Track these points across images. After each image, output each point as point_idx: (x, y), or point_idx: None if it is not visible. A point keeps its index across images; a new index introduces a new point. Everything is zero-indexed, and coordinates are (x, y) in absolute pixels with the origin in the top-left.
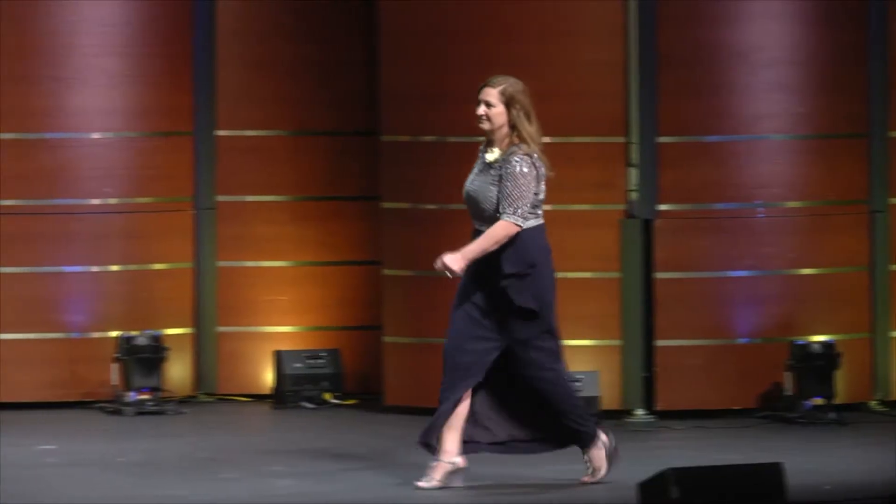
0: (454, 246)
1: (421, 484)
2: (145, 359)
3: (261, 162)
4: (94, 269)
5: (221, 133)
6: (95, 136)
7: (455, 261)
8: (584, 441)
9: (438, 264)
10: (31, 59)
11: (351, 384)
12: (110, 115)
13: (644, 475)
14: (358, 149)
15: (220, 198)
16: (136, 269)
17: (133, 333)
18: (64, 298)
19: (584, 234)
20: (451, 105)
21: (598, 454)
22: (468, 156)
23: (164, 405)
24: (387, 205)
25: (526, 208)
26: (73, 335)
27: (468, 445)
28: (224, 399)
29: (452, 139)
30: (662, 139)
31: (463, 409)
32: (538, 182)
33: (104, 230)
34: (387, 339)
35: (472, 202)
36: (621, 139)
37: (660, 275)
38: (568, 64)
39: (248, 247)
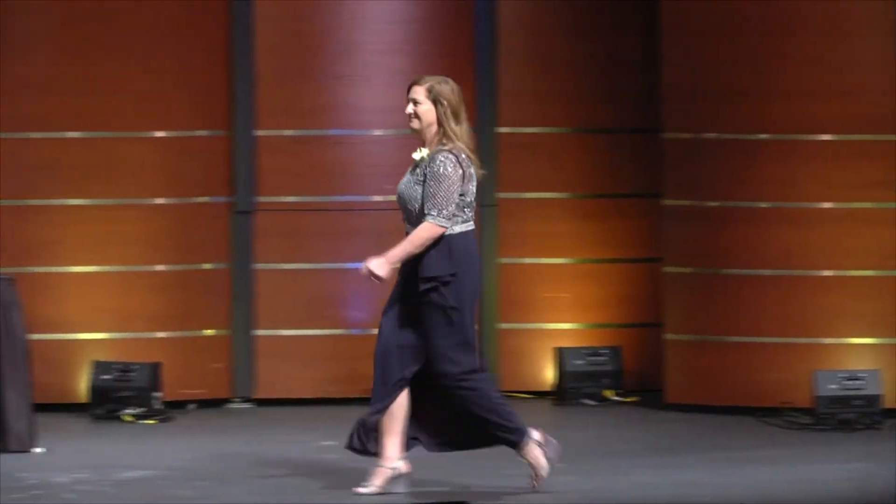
0: (736, 245)
1: (360, 490)
2: None
3: (541, 159)
4: None
5: (502, 130)
6: (377, 132)
7: (379, 266)
8: (513, 444)
9: (363, 270)
10: (312, 57)
11: (631, 381)
12: (391, 112)
13: None
14: (636, 146)
15: (501, 195)
16: None
17: None
18: (345, 295)
19: (863, 232)
20: (733, 102)
21: (534, 453)
22: (750, 153)
23: None
24: (668, 202)
25: (450, 209)
26: (354, 332)
27: (411, 443)
28: (505, 395)
29: (734, 136)
30: None
31: (399, 412)
32: (465, 182)
33: (385, 227)
34: (668, 336)
35: (401, 202)
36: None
37: None
38: (845, 62)
39: (528, 244)
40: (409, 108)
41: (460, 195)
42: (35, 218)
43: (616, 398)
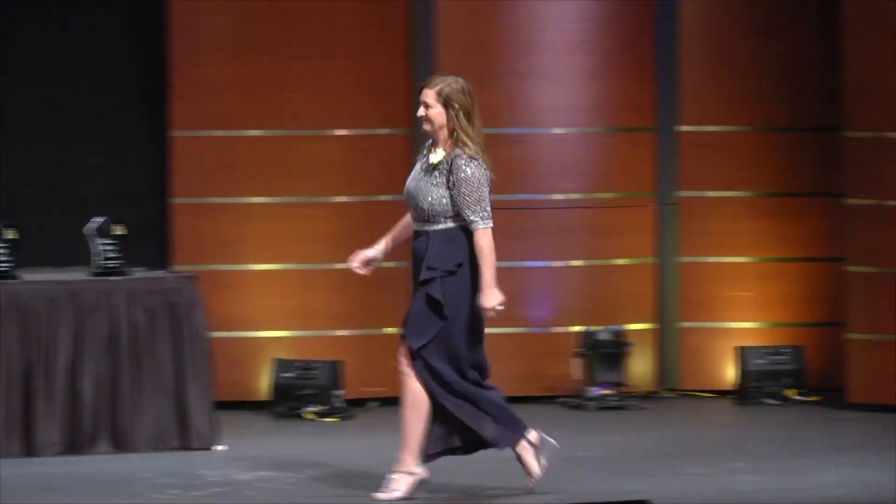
0: None
1: (380, 496)
2: (607, 354)
3: (722, 157)
4: (557, 264)
5: (683, 129)
6: (557, 131)
7: (492, 297)
8: (507, 447)
9: (489, 314)
10: (493, 55)
11: (813, 381)
12: (572, 111)
13: None
14: (817, 144)
15: (682, 193)
16: (598, 265)
17: (595, 328)
18: (527, 293)
19: None
20: None
21: (526, 456)
22: None
23: (626, 400)
24: (851, 201)
25: (488, 209)
26: (536, 330)
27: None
28: (686, 395)
29: None
30: None
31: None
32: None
33: (566, 225)
34: (850, 336)
35: (413, 201)
36: None
37: None
38: None
39: (709, 242)
40: (421, 112)
41: None
42: (216, 216)
43: (798, 398)
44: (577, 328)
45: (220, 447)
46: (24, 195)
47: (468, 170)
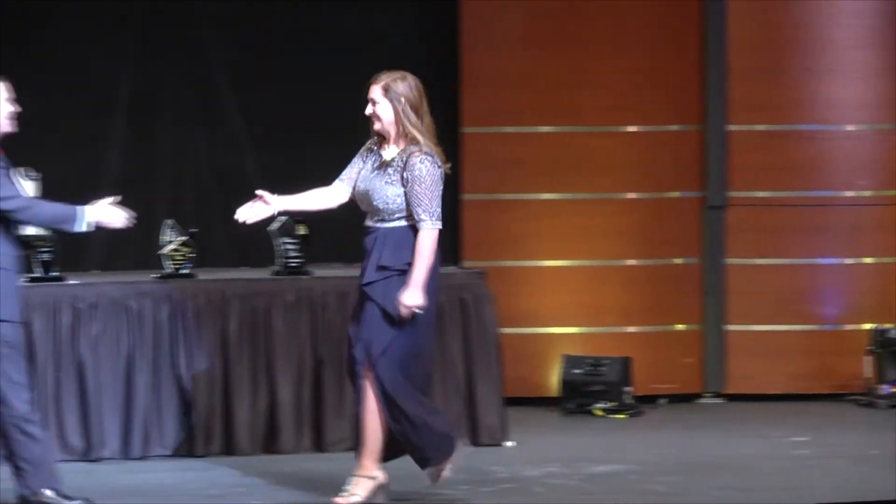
0: None
1: (339, 500)
2: None
3: None
4: (848, 261)
5: None
6: (850, 128)
7: (413, 297)
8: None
9: (404, 311)
10: (784, 52)
11: None
12: (865, 108)
13: None
14: None
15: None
16: (890, 262)
17: (887, 326)
18: (818, 290)
19: None
20: None
21: (444, 468)
22: None
23: None
24: None
25: (439, 210)
26: (827, 327)
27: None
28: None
29: None
30: None
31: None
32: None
33: (858, 222)
34: None
35: (366, 199)
36: None
37: None
38: None
39: None
40: (369, 109)
41: None
42: (506, 212)
43: None
44: (868, 326)
45: (509, 443)
46: None
47: (423, 167)
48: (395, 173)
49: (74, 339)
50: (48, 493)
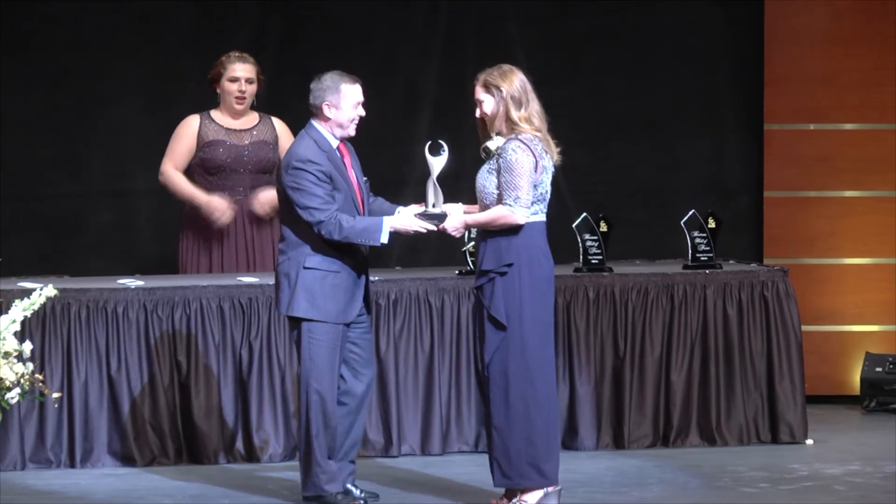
0: None
1: None
2: None
3: None
4: None
5: None
6: None
7: (457, 224)
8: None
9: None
10: None
11: None
12: None
13: None
14: None
15: None
16: None
17: None
18: None
19: None
20: None
21: None
22: None
23: None
24: None
25: (528, 197)
26: None
27: None
28: None
29: None
30: None
31: None
32: (537, 173)
33: None
34: None
35: (477, 193)
36: None
37: None
38: None
39: None
40: (478, 112)
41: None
42: (809, 209)
43: None
44: None
45: (809, 441)
46: (620, 189)
47: (513, 155)
48: (495, 163)
49: (376, 336)
50: None
